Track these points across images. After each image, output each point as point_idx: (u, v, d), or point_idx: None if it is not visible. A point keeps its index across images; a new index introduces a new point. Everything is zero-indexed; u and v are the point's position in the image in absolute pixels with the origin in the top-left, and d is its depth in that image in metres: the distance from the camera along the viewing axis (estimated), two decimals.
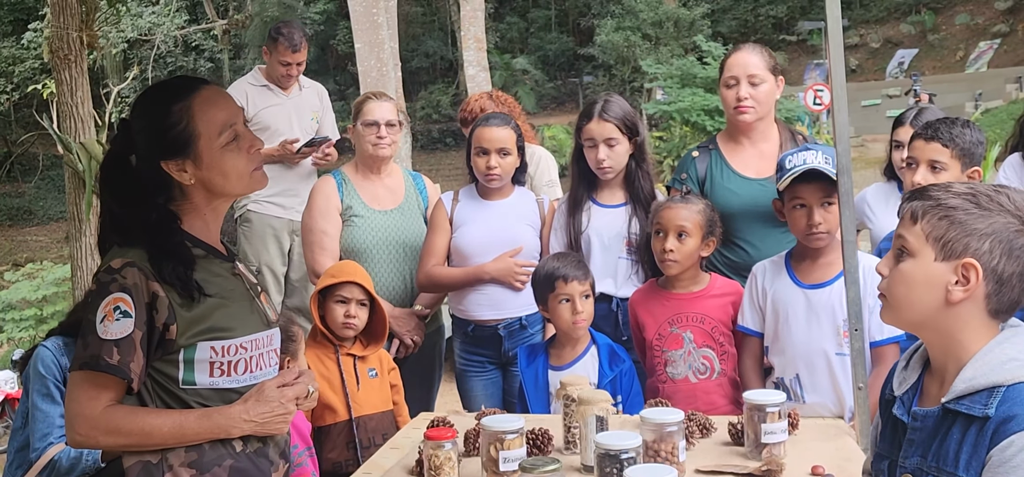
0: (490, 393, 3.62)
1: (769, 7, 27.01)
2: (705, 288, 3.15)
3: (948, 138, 3.00)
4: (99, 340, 1.92)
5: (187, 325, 2.00)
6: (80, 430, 1.97)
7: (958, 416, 1.60)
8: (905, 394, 1.74)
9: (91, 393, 1.95)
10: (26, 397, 3.17)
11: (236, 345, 2.04)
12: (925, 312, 1.66)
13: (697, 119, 16.80)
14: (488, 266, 3.53)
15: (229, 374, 2.04)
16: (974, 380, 1.59)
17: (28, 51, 18.72)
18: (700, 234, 3.09)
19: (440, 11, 28.36)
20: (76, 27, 6.16)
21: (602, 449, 2.15)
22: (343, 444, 3.18)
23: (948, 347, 1.66)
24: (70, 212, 6.54)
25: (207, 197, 2.10)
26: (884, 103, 21.31)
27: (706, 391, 3.05)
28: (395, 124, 3.82)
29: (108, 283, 1.96)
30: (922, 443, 1.66)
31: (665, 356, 3.10)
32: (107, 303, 1.94)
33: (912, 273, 1.66)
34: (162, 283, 1.97)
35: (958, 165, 3.01)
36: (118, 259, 1.98)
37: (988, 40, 24.33)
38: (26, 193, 22.75)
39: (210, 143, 2.05)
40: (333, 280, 3.27)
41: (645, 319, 3.16)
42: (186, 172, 2.05)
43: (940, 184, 1.70)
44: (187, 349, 2.00)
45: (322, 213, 3.77)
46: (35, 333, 9.59)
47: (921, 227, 1.65)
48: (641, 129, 3.51)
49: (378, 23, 11.72)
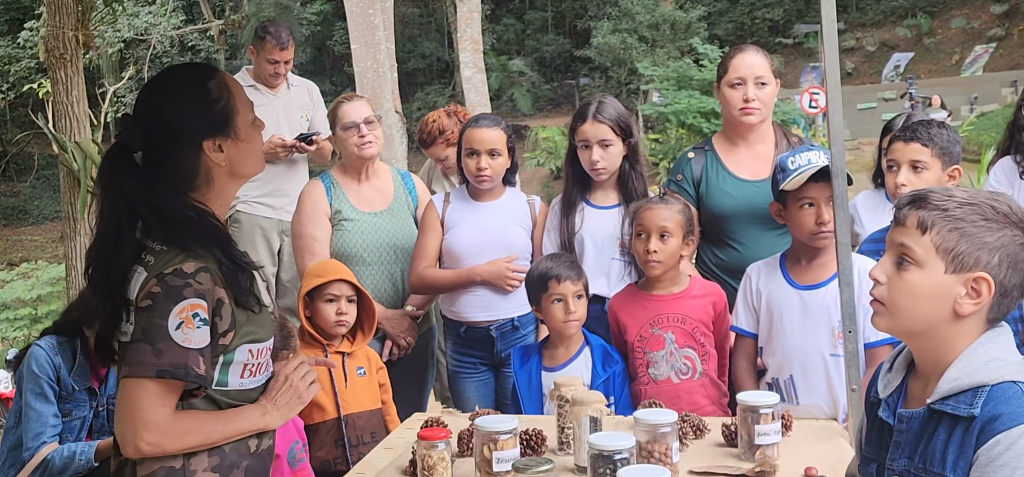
0: (482, 394, 3.62)
1: (765, 10, 27.09)
2: (685, 289, 3.15)
3: (927, 138, 3.03)
4: (181, 349, 1.85)
5: (239, 330, 1.97)
6: (150, 438, 1.89)
7: (944, 416, 1.60)
8: (890, 396, 1.74)
9: (165, 400, 1.89)
10: (19, 396, 3.16)
11: (264, 348, 2.04)
12: (928, 322, 1.65)
13: (693, 121, 16.85)
14: (479, 268, 3.53)
15: (256, 375, 2.04)
16: (958, 380, 1.60)
17: (24, 50, 18.73)
18: (681, 234, 3.09)
19: (437, 12, 28.39)
20: (72, 26, 6.16)
21: (595, 450, 2.15)
22: (331, 442, 3.17)
23: (939, 352, 1.66)
24: (65, 212, 6.53)
25: (231, 181, 2.07)
26: (880, 106, 21.40)
27: (689, 391, 3.04)
28: (374, 120, 3.79)
29: (181, 287, 1.87)
30: (909, 444, 1.66)
31: (647, 357, 3.09)
32: (183, 309, 1.86)
33: (920, 284, 1.65)
34: (227, 289, 1.94)
35: (939, 164, 3.03)
36: (191, 262, 1.90)
37: (984, 44, 24.42)
38: (21, 192, 22.74)
39: (244, 119, 2.05)
40: (320, 280, 3.26)
41: (626, 321, 3.16)
42: (222, 151, 2.01)
43: (939, 190, 1.69)
44: (229, 353, 1.97)
45: (311, 218, 3.75)
46: (29, 333, 9.57)
47: (931, 238, 1.63)
48: (635, 131, 3.51)
49: (375, 24, 11.72)
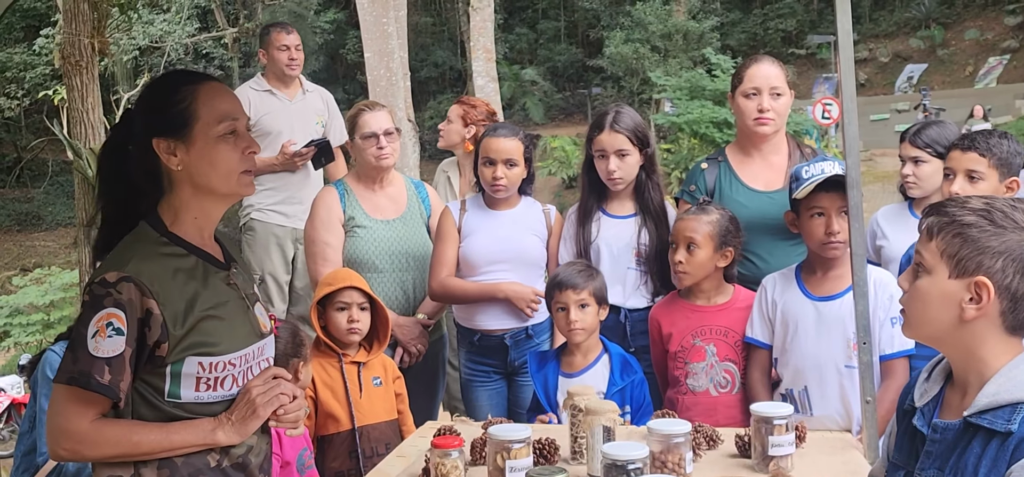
0: (495, 402, 3.61)
1: (778, 21, 27.03)
2: (729, 300, 3.14)
3: (985, 148, 3.03)
4: (90, 357, 1.87)
5: (177, 342, 1.95)
6: (65, 445, 1.92)
7: (979, 430, 1.60)
8: (926, 406, 1.74)
9: (78, 409, 1.90)
10: (33, 401, 3.17)
11: (224, 362, 2.00)
12: (941, 328, 1.67)
13: (705, 131, 16.80)
14: (504, 285, 3.52)
15: (215, 389, 2.00)
16: (998, 395, 1.59)
17: (39, 57, 18.83)
18: (712, 245, 3.07)
19: (450, 21, 28.46)
20: (87, 34, 6.21)
21: (609, 459, 2.14)
22: (346, 453, 3.16)
23: (968, 362, 1.66)
24: (79, 218, 6.58)
25: (194, 191, 2.04)
26: (893, 117, 21.30)
27: (727, 405, 3.03)
28: (393, 132, 3.79)
29: (102, 297, 1.90)
30: (940, 455, 1.65)
31: (687, 368, 3.08)
32: (100, 318, 1.88)
33: (928, 290, 1.67)
34: (156, 299, 1.93)
35: (996, 175, 3.03)
36: (113, 272, 1.92)
37: (997, 55, 24.31)
38: (35, 198, 22.85)
39: (206, 129, 2.01)
40: (331, 288, 3.26)
41: (669, 330, 3.15)
42: (176, 156, 2.00)
43: (957, 199, 1.71)
44: (174, 364, 1.96)
45: (324, 224, 3.76)
46: (42, 338, 9.62)
47: (936, 244, 1.66)
48: (651, 141, 3.51)
49: (388, 32, 11.74)
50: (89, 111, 6.27)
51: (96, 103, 6.34)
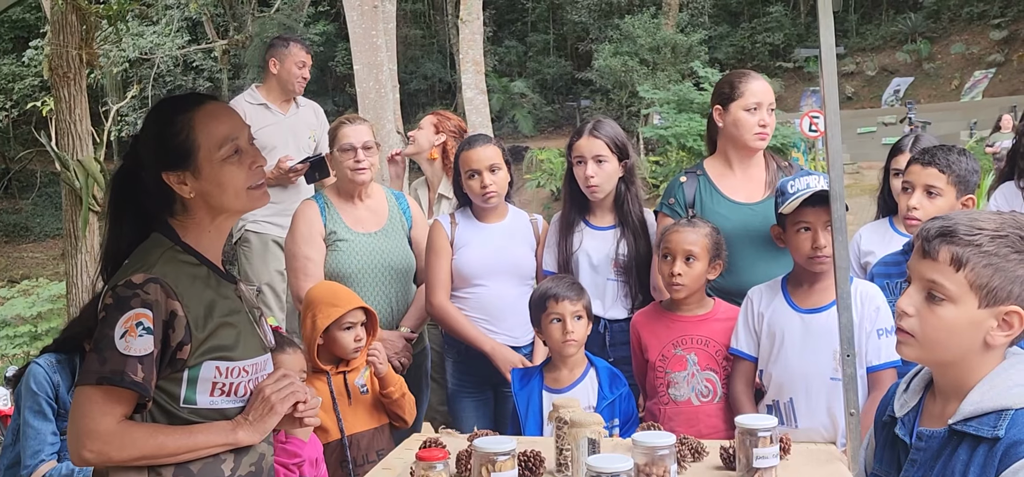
0: (481, 414, 3.61)
1: (766, 34, 27.17)
2: (710, 312, 3.15)
3: (945, 164, 3.03)
4: (121, 356, 1.89)
5: (199, 345, 1.99)
6: (90, 447, 1.92)
7: (965, 437, 1.61)
8: (907, 415, 1.75)
9: (107, 408, 1.91)
10: (18, 414, 3.16)
11: (239, 367, 2.05)
12: (960, 353, 1.67)
13: (693, 144, 16.86)
14: (498, 348, 3.50)
15: (230, 395, 2.04)
16: (982, 403, 1.61)
17: (28, 68, 18.80)
18: (707, 257, 3.09)
19: (439, 34, 28.50)
20: (76, 45, 6.21)
21: (593, 472, 2.14)
22: (336, 463, 3.16)
23: (963, 376, 1.67)
24: (66, 229, 6.55)
25: (209, 212, 2.10)
26: (879, 130, 21.43)
27: (708, 414, 3.04)
28: (372, 147, 3.80)
29: (129, 297, 1.93)
30: (925, 463, 1.67)
31: (668, 377, 3.09)
32: (128, 318, 1.91)
33: (954, 320, 1.65)
34: (181, 301, 1.96)
35: (953, 192, 3.03)
36: (140, 274, 1.96)
37: (983, 69, 24.48)
38: (23, 210, 22.77)
39: (210, 155, 2.05)
40: (339, 311, 3.23)
41: (649, 340, 3.16)
42: (186, 184, 2.06)
43: (966, 221, 1.67)
44: (193, 368, 1.99)
45: (305, 239, 3.75)
46: (29, 350, 9.56)
47: (965, 275, 1.63)
48: (631, 152, 3.53)
49: (377, 45, 11.77)
50: (77, 123, 6.27)
51: (84, 115, 6.34)
